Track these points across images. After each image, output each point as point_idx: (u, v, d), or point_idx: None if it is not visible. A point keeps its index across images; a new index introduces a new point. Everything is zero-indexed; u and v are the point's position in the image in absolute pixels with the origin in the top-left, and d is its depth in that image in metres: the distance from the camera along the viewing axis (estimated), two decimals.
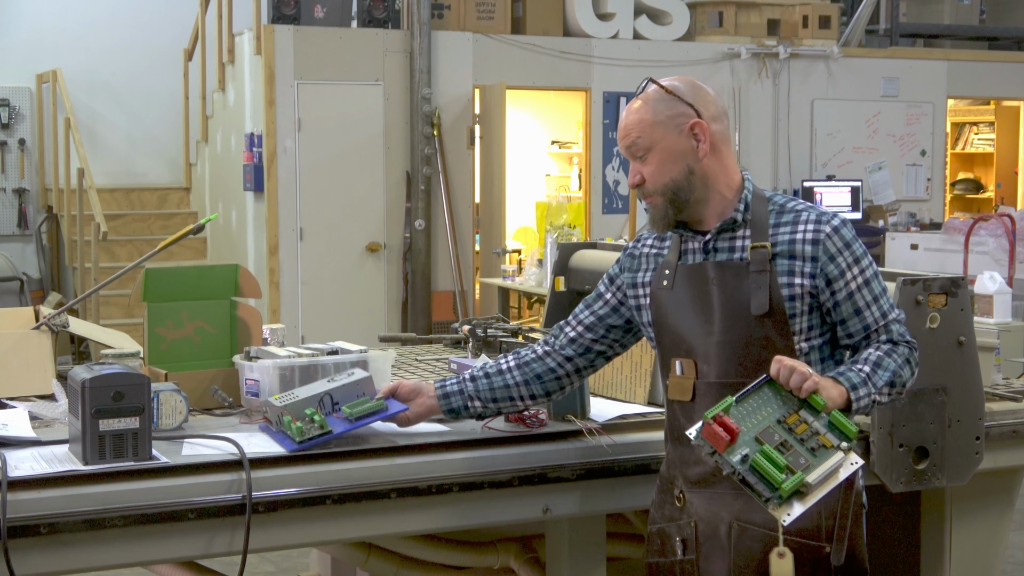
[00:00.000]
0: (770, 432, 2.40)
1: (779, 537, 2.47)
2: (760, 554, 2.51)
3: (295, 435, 2.73)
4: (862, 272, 2.58)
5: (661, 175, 2.61)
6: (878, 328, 2.59)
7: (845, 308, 2.58)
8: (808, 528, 2.50)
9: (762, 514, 2.50)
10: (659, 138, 2.59)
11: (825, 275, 2.55)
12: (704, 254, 2.63)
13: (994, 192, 13.38)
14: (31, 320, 3.42)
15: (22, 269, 9.38)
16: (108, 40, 11.11)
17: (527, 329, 4.09)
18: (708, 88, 2.67)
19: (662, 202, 2.62)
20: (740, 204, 2.62)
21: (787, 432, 2.41)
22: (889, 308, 2.62)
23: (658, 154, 2.60)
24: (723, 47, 10.68)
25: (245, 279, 3.40)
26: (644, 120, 2.60)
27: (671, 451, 2.71)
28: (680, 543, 2.64)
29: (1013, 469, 3.45)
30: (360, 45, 9.56)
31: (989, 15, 12.73)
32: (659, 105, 2.60)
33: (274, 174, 9.29)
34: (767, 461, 2.35)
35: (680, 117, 2.59)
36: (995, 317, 3.80)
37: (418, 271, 9.67)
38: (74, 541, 2.51)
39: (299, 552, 5.22)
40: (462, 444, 2.86)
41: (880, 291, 2.60)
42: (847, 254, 2.57)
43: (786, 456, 2.37)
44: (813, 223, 2.58)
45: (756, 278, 2.55)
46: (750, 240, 2.59)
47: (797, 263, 2.56)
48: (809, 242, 2.56)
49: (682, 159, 2.60)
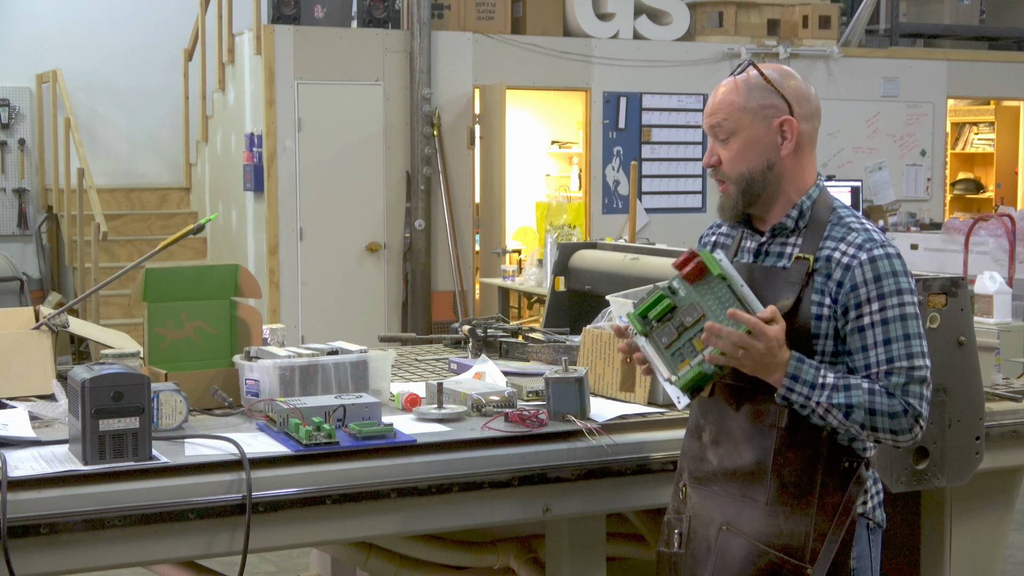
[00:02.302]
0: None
1: (764, 549, 2.48)
2: (741, 563, 2.50)
3: (302, 438, 2.73)
4: (882, 310, 2.43)
5: (739, 163, 2.53)
6: (878, 371, 2.43)
7: (853, 341, 2.46)
8: (795, 546, 2.48)
9: (752, 524, 2.50)
10: (746, 125, 2.51)
11: (844, 302, 2.46)
12: (755, 256, 2.59)
13: (994, 192, 13.38)
14: (31, 320, 3.42)
15: (22, 269, 9.38)
16: (108, 40, 11.11)
17: (527, 329, 4.10)
18: (809, 85, 2.57)
19: (734, 191, 2.55)
20: (794, 211, 2.54)
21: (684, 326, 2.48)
22: (902, 356, 2.42)
23: (741, 141, 2.52)
24: (723, 47, 10.67)
25: (245, 279, 3.40)
26: (735, 103, 2.52)
27: (686, 444, 2.71)
28: (677, 536, 2.65)
29: (1013, 469, 3.45)
30: (360, 45, 9.56)
31: (989, 15, 12.73)
32: (754, 92, 2.52)
33: (274, 174, 9.29)
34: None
35: (771, 109, 2.51)
36: (995, 317, 3.80)
37: (418, 271, 9.67)
38: (74, 541, 2.51)
39: (299, 552, 5.22)
40: (462, 444, 2.86)
41: (897, 335, 2.43)
42: (872, 287, 2.43)
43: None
44: (855, 247, 2.47)
45: (788, 289, 2.50)
46: (799, 249, 2.53)
47: (829, 283, 2.47)
48: (843, 266, 2.46)
49: (763, 152, 2.52)
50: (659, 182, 10.61)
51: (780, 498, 2.50)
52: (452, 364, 3.80)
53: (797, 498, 2.49)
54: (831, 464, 2.50)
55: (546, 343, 3.86)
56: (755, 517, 2.51)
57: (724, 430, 2.57)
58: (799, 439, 2.49)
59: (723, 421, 2.57)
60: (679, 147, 10.62)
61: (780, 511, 2.49)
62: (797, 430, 2.49)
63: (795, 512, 2.49)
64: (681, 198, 10.62)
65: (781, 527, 2.49)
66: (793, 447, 2.49)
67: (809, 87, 2.57)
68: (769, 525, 2.50)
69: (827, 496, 2.49)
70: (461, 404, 3.10)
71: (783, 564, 2.48)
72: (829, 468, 2.49)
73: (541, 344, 3.84)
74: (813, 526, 2.48)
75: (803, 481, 2.49)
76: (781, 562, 2.48)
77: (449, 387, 3.17)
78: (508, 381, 3.37)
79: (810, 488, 2.49)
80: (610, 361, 3.30)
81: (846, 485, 2.50)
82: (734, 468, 2.55)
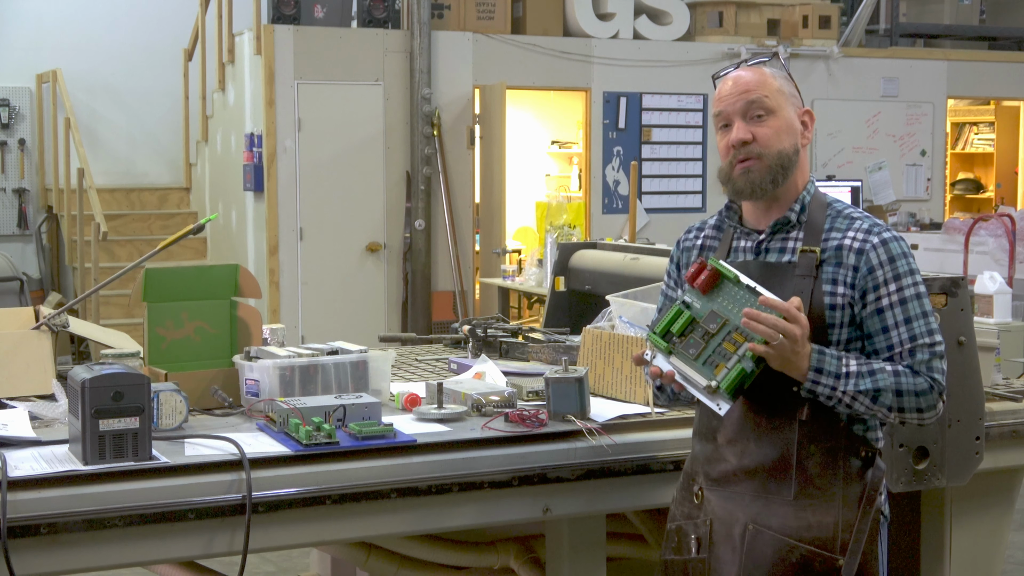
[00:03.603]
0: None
1: (794, 544, 2.48)
2: (771, 559, 2.50)
3: (302, 438, 2.73)
4: (900, 290, 2.50)
5: (777, 141, 2.56)
6: (902, 351, 2.50)
7: (872, 323, 2.51)
8: (824, 539, 2.49)
9: (779, 519, 2.51)
10: (783, 105, 2.58)
11: (862, 286, 2.51)
12: (755, 254, 2.61)
13: (994, 192, 13.38)
14: (31, 320, 3.42)
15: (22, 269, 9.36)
16: (108, 40, 11.11)
17: (527, 329, 4.10)
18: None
19: (768, 169, 2.56)
20: (796, 204, 2.59)
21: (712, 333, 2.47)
22: (924, 334, 2.51)
23: (779, 120, 2.57)
24: (723, 47, 10.67)
25: (245, 279, 3.40)
26: (770, 83, 2.58)
27: (696, 447, 2.70)
28: (695, 541, 2.63)
29: (1013, 469, 3.45)
30: (360, 45, 9.56)
31: (989, 15, 12.73)
32: (779, 79, 2.60)
33: (274, 174, 9.29)
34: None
35: (796, 99, 2.62)
36: (995, 317, 3.80)
37: (418, 271, 9.67)
38: (74, 541, 2.51)
39: (299, 552, 5.22)
40: (462, 444, 2.86)
41: (917, 314, 2.51)
42: (888, 268, 2.50)
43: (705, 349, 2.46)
44: (863, 232, 2.53)
45: (799, 283, 2.52)
46: (802, 243, 2.56)
47: (841, 271, 2.52)
48: (855, 251, 2.51)
49: (793, 136, 2.59)
50: (659, 182, 10.61)
51: (806, 491, 2.51)
52: (452, 364, 3.80)
53: (822, 490, 2.51)
54: (850, 454, 2.52)
55: (546, 343, 3.86)
56: (782, 512, 2.51)
57: (741, 428, 2.57)
58: (820, 431, 2.51)
59: (739, 419, 2.57)
60: (679, 147, 10.62)
61: (807, 504, 2.50)
62: (817, 422, 2.50)
63: (822, 504, 2.50)
64: (681, 198, 10.62)
65: (809, 520, 2.50)
66: (815, 440, 2.51)
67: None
68: (797, 519, 2.50)
69: (850, 486, 2.51)
70: (461, 404, 3.10)
71: (814, 557, 2.49)
72: (849, 459, 2.52)
73: (541, 344, 3.84)
74: (841, 517, 2.49)
75: (827, 473, 2.51)
76: (812, 555, 2.48)
77: (449, 387, 3.17)
78: (508, 381, 3.37)
79: (833, 479, 2.51)
80: (610, 361, 3.31)
81: (864, 475, 2.52)
82: (755, 465, 2.54)
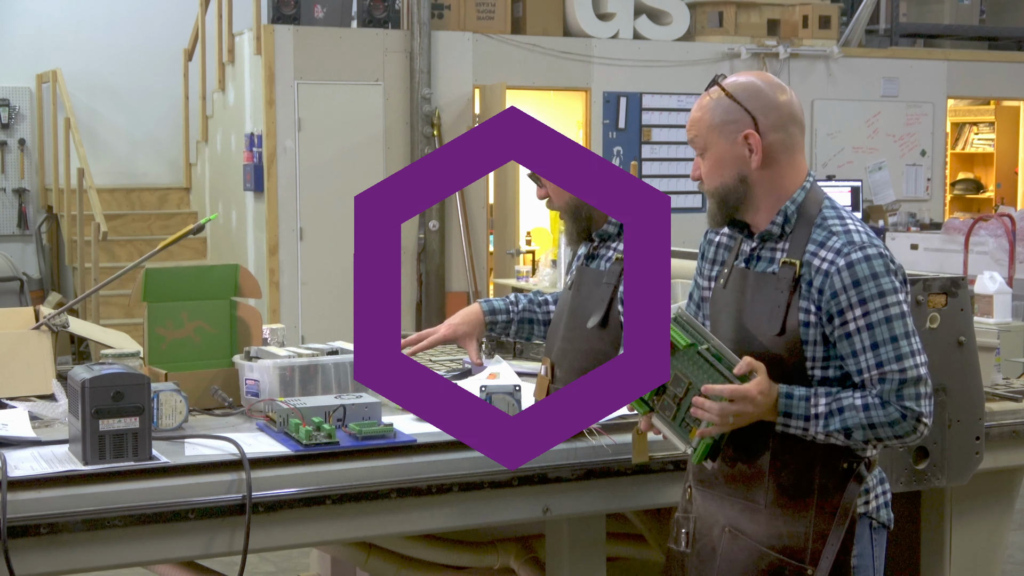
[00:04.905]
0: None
1: (765, 551, 2.50)
2: (744, 564, 2.52)
3: (302, 438, 2.73)
4: (866, 315, 2.41)
5: (713, 177, 2.57)
6: (871, 376, 2.43)
7: (843, 346, 2.46)
8: (794, 548, 2.50)
9: (753, 526, 2.53)
10: (713, 142, 2.55)
11: (827, 309, 2.45)
12: (746, 262, 2.60)
13: (994, 192, 13.38)
14: (31, 320, 3.42)
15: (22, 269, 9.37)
16: (108, 40, 11.11)
17: None
18: (780, 92, 2.55)
19: (715, 202, 2.59)
20: (779, 217, 2.54)
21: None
22: (891, 360, 2.41)
23: (712, 157, 2.56)
24: (723, 47, 10.67)
25: (245, 279, 3.40)
26: (702, 120, 2.57)
27: None
28: (684, 535, 2.67)
29: (1013, 469, 3.45)
30: (360, 45, 9.56)
31: (989, 15, 12.73)
32: (717, 110, 2.54)
33: (274, 174, 9.29)
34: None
35: (733, 125, 2.52)
36: (995, 317, 3.80)
37: (432, 272, 9.68)
38: (74, 541, 2.51)
39: (299, 552, 5.22)
40: (462, 444, 2.85)
41: (884, 339, 2.41)
42: (852, 293, 2.41)
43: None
44: (833, 251, 2.45)
45: (777, 296, 2.50)
46: (786, 254, 2.52)
47: (812, 290, 2.47)
48: (822, 272, 2.45)
49: (734, 166, 2.54)
50: (659, 182, 10.60)
51: (779, 500, 2.52)
52: (465, 364, 3.80)
53: (795, 500, 2.51)
54: (829, 466, 2.50)
55: None
56: (756, 520, 2.53)
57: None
58: (795, 443, 2.50)
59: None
60: (679, 147, 10.62)
61: (779, 513, 2.51)
62: (793, 435, 2.49)
63: (794, 514, 2.51)
64: (681, 198, 10.61)
65: (781, 529, 2.51)
66: (789, 451, 2.51)
67: (780, 94, 2.54)
68: (769, 527, 2.52)
69: (826, 497, 2.50)
70: None
71: (784, 565, 2.50)
72: (827, 470, 2.50)
73: None
74: (812, 527, 2.49)
75: (801, 483, 2.51)
76: (782, 564, 2.50)
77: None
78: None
79: (808, 490, 2.50)
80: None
81: (844, 485, 2.51)
82: (734, 472, 2.57)
